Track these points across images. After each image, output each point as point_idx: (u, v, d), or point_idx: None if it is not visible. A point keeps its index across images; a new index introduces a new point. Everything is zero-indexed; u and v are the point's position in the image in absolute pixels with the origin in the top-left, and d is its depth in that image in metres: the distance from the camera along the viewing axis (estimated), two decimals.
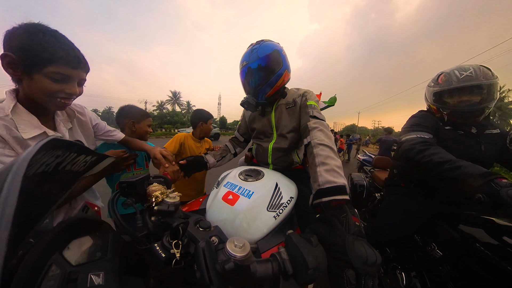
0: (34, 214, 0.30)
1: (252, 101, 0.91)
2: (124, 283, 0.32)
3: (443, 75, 1.05)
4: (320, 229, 0.44)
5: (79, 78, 0.66)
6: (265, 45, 0.88)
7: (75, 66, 0.63)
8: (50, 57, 0.56)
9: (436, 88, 1.07)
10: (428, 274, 0.95)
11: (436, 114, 1.12)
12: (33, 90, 0.60)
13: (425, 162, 0.88)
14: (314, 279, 0.34)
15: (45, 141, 0.27)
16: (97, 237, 0.37)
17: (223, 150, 1.19)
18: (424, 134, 1.01)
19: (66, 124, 0.75)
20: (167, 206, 0.47)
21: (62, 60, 0.59)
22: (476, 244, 0.72)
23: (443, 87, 1.03)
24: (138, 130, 1.19)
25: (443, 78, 1.04)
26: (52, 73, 0.58)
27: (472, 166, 0.75)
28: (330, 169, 0.59)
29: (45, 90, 0.59)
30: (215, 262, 0.33)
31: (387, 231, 1.16)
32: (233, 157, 1.22)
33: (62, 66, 0.59)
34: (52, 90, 0.60)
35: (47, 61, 0.56)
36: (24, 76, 0.58)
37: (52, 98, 0.62)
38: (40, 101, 0.62)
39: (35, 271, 0.25)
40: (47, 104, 0.64)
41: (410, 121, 1.14)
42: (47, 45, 0.56)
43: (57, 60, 0.57)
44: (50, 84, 0.59)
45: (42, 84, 0.58)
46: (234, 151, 1.22)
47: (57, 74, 0.59)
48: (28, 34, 0.55)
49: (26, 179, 0.22)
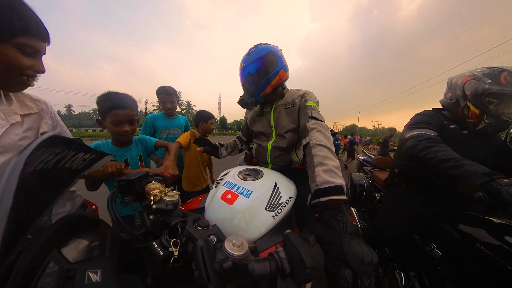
0: (32, 210, 0.30)
1: (247, 99, 0.96)
2: (122, 281, 0.33)
3: (507, 74, 0.84)
4: (317, 228, 0.45)
5: (43, 52, 0.57)
6: (261, 47, 0.92)
7: (43, 39, 0.54)
8: (24, 27, 0.48)
9: (495, 87, 0.84)
10: (427, 274, 0.96)
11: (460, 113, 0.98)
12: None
13: (429, 158, 0.86)
14: (312, 278, 0.35)
15: (44, 138, 0.27)
16: (95, 235, 0.37)
17: (234, 145, 1.32)
18: (429, 131, 0.98)
19: (11, 117, 0.57)
20: (166, 204, 0.47)
21: (34, 31, 0.51)
22: (476, 244, 0.72)
23: (508, 90, 0.81)
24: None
25: (509, 78, 0.83)
26: (22, 45, 0.49)
27: (476, 165, 0.74)
28: (328, 170, 0.59)
29: (12, 64, 0.50)
30: (213, 260, 0.33)
31: (386, 231, 1.16)
32: (239, 152, 1.35)
33: (34, 39, 0.51)
34: (21, 64, 0.51)
35: (19, 30, 0.48)
36: None
37: (17, 75, 0.53)
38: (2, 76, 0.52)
39: (33, 267, 0.25)
40: (7, 82, 0.54)
41: (414, 119, 1.10)
42: (22, 13, 0.48)
43: (28, 30, 0.49)
44: (19, 57, 0.50)
45: (9, 56, 0.49)
46: (241, 147, 1.34)
47: (29, 46, 0.50)
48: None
49: (24, 176, 0.22)
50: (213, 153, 1.17)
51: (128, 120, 0.89)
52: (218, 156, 1.20)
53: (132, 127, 0.92)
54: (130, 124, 0.91)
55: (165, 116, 1.78)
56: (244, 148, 1.37)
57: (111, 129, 0.89)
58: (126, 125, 0.89)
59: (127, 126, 0.89)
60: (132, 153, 1.02)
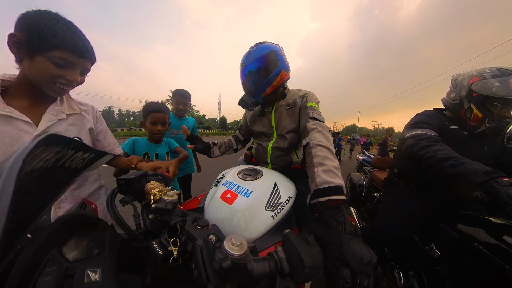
0: (32, 209, 0.30)
1: (248, 100, 0.95)
2: (121, 280, 0.33)
3: None
4: (316, 228, 0.45)
5: (83, 67, 0.67)
6: (262, 46, 0.90)
7: (82, 55, 0.64)
8: (58, 43, 0.57)
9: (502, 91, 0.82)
10: (426, 273, 0.96)
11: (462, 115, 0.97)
12: (31, 71, 0.60)
13: (428, 157, 0.86)
14: (310, 278, 0.35)
15: (42, 137, 0.27)
16: (95, 234, 0.37)
17: (228, 145, 1.26)
18: (429, 131, 0.97)
19: (59, 114, 0.73)
20: (165, 204, 0.47)
21: (69, 47, 0.60)
22: (475, 244, 0.73)
23: None
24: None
25: None
26: (56, 57, 0.58)
27: (476, 164, 0.73)
28: (327, 170, 0.59)
29: (45, 73, 0.60)
30: (213, 260, 0.33)
31: (385, 231, 1.17)
32: (233, 152, 1.30)
33: (68, 53, 0.60)
34: (52, 74, 0.60)
35: (54, 45, 0.57)
36: (26, 57, 0.58)
37: (50, 83, 0.62)
38: (38, 83, 0.62)
39: (32, 266, 0.25)
40: (44, 88, 0.64)
41: (415, 119, 1.09)
42: (57, 32, 0.57)
43: (64, 46, 0.58)
44: (51, 68, 0.59)
45: (43, 67, 0.59)
46: (236, 147, 1.29)
47: (61, 59, 0.59)
48: (41, 18, 0.56)
49: (22, 175, 0.22)
50: (204, 152, 1.11)
51: (161, 122, 1.19)
52: (210, 156, 1.15)
53: (163, 128, 1.21)
54: (162, 125, 1.20)
55: (175, 117, 1.83)
56: (240, 148, 1.32)
57: (149, 128, 1.18)
58: (159, 125, 1.18)
59: (160, 126, 1.19)
60: (162, 150, 1.28)
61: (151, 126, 1.17)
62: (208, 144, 1.13)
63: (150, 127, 1.18)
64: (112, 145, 0.95)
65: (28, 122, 0.64)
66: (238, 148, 1.31)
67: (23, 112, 0.63)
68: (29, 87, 0.64)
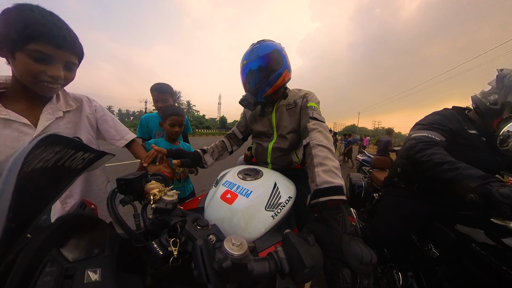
0: (31, 209, 0.30)
1: (250, 100, 0.92)
2: (121, 280, 0.33)
3: None
4: (317, 228, 0.45)
5: (64, 60, 0.60)
6: (265, 44, 0.88)
7: (59, 46, 0.57)
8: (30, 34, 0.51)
9: None
10: (424, 274, 0.96)
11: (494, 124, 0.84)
12: (17, 71, 0.56)
13: (424, 161, 0.84)
14: (311, 278, 0.35)
15: (42, 137, 0.27)
16: (95, 234, 0.37)
17: (221, 147, 1.14)
18: (436, 135, 0.90)
19: (56, 113, 0.70)
20: (165, 204, 0.47)
21: (43, 37, 0.53)
22: (472, 244, 0.73)
23: None
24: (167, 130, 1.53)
25: None
26: (32, 51, 0.53)
27: (471, 168, 0.73)
28: (328, 170, 0.59)
29: (27, 71, 0.55)
30: (213, 260, 0.33)
31: (385, 231, 1.17)
32: (228, 154, 1.19)
33: (43, 44, 0.54)
34: (33, 71, 0.55)
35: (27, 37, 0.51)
36: (9, 56, 0.54)
37: (36, 81, 0.58)
38: (27, 83, 0.58)
39: (32, 266, 0.25)
40: (33, 87, 0.60)
41: (428, 118, 1.00)
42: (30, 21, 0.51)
43: (37, 37, 0.52)
44: (31, 64, 0.54)
45: (24, 64, 0.54)
46: (231, 149, 1.18)
47: (37, 52, 0.53)
48: (17, 11, 0.52)
49: (23, 175, 0.22)
50: (195, 164, 0.95)
51: (179, 124, 1.26)
52: (203, 166, 1.01)
53: (180, 129, 1.29)
54: (179, 126, 1.27)
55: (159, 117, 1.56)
56: (235, 149, 1.22)
57: (167, 129, 1.26)
58: (177, 126, 1.26)
59: (177, 127, 1.26)
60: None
61: (170, 127, 1.25)
62: (197, 153, 0.98)
63: (168, 128, 1.26)
64: (123, 133, 0.93)
65: (27, 124, 0.62)
66: (233, 150, 1.20)
67: (22, 114, 0.62)
68: (23, 88, 0.61)
